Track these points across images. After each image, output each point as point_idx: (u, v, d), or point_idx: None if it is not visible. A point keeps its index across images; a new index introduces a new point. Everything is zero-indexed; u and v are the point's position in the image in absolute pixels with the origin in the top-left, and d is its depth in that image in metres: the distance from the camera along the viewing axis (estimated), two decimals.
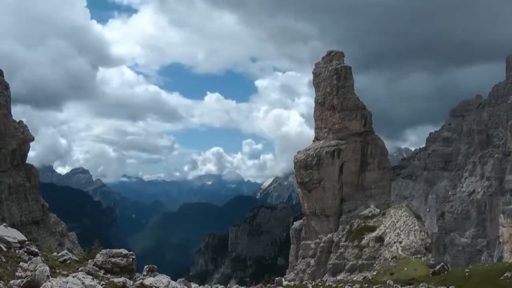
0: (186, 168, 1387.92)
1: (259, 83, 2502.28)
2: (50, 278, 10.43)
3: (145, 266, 17.48)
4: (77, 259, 17.75)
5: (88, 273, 13.69)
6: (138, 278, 15.27)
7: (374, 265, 68.61)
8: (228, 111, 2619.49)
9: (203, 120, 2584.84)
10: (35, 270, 10.68)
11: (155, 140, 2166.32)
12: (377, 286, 32.26)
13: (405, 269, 55.72)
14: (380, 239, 75.13)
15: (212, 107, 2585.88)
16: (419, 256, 67.64)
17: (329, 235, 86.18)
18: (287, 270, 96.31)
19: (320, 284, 34.91)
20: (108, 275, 14.66)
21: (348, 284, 33.19)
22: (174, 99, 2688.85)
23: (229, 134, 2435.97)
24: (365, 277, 42.98)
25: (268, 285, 31.17)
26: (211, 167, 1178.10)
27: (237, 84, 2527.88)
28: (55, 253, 19.08)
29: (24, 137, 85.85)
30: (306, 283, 37.48)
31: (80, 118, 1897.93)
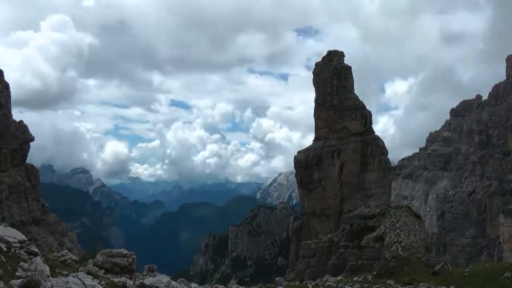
0: (185, 167, 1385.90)
1: None
2: (50, 278, 10.44)
3: (145, 266, 17.51)
4: (77, 259, 17.75)
5: (88, 273, 13.70)
6: (138, 278, 15.28)
7: (374, 265, 68.63)
8: None
9: None
10: (35, 270, 10.69)
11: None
12: (377, 286, 32.24)
13: (405, 269, 55.84)
14: (380, 239, 75.16)
15: None
16: (419, 256, 67.71)
17: (329, 235, 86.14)
18: (287, 270, 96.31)
19: (320, 284, 34.87)
20: (108, 275, 14.66)
21: (348, 284, 33.17)
22: None
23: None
24: (365, 277, 42.95)
25: (268, 285, 31.19)
26: (211, 167, 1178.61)
27: None
28: (55, 253, 19.09)
29: (24, 137, 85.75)
30: (306, 283, 37.45)
31: None
